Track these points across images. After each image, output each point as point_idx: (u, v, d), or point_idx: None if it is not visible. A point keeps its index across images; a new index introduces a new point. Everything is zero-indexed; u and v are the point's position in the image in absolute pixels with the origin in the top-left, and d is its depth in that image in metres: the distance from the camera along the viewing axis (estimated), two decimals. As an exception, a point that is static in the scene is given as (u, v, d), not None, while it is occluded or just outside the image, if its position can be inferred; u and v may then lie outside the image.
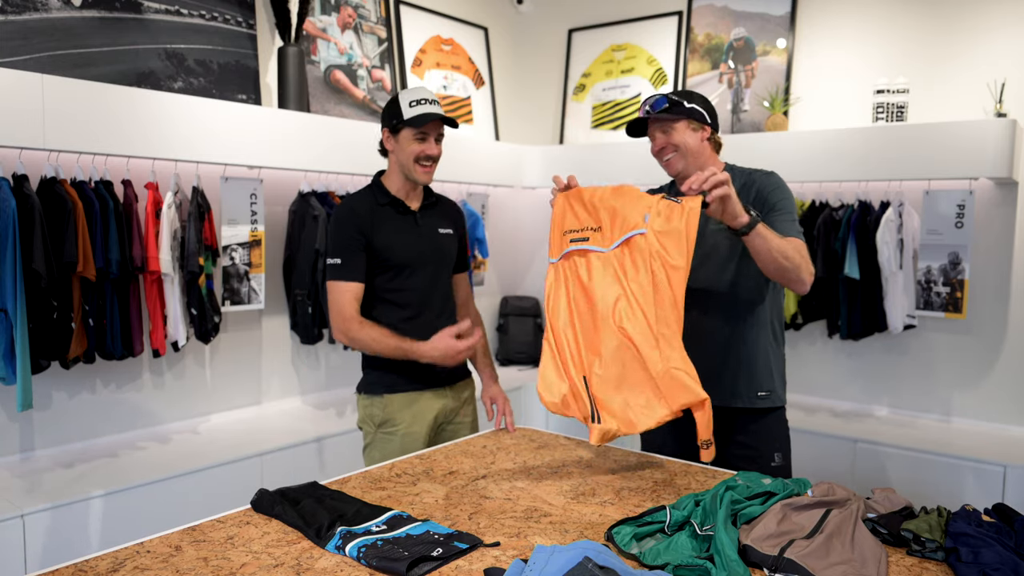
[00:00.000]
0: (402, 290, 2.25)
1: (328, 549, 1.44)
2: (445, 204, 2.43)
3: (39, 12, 2.68)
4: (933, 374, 3.43)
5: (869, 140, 3.24)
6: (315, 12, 3.61)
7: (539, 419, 4.06)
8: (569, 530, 1.56)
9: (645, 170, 3.83)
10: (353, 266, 2.19)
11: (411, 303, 2.27)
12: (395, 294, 2.25)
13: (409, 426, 2.26)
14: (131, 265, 2.71)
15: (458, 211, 2.47)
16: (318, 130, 3.24)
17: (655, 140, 2.12)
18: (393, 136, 2.23)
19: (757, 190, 2.07)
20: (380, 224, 2.22)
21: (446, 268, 2.36)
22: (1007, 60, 3.21)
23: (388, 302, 2.25)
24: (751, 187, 2.09)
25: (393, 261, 2.23)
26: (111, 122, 2.60)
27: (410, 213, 2.28)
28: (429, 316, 2.28)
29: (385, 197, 2.26)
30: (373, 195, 2.27)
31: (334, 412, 3.47)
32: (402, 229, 2.25)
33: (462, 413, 2.42)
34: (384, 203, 2.26)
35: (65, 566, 1.35)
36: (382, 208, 2.25)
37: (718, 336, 2.11)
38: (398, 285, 2.25)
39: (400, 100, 2.19)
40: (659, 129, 2.10)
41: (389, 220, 2.24)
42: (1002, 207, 3.26)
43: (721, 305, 2.10)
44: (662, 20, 4.20)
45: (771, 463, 2.11)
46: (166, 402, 3.10)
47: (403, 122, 2.18)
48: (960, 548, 1.36)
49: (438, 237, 2.33)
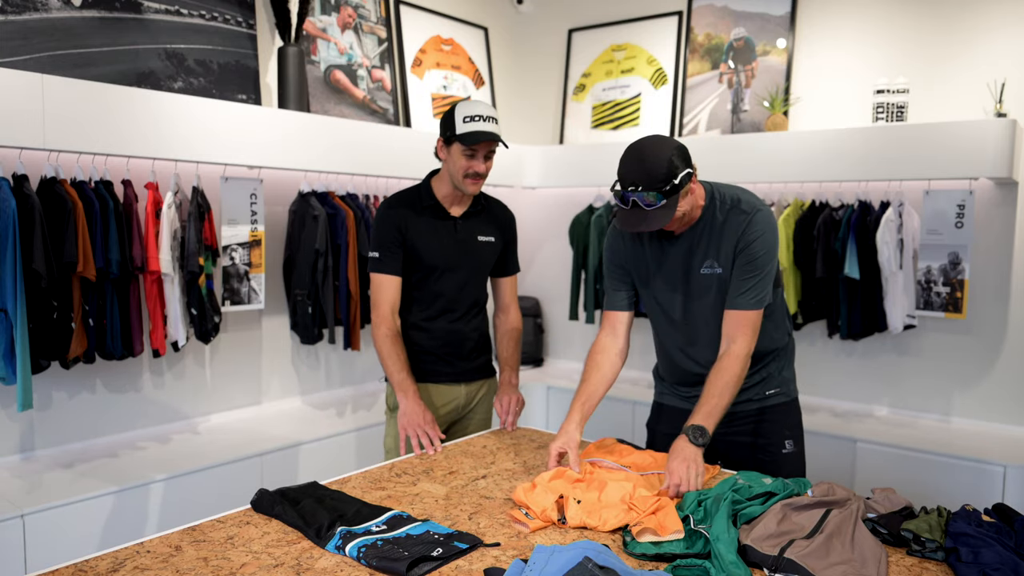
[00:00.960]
0: (429, 290, 2.35)
1: (328, 549, 1.44)
2: (494, 211, 2.46)
3: (39, 12, 2.68)
4: (933, 374, 3.43)
5: (869, 140, 3.24)
6: (315, 12, 3.61)
7: (539, 419, 4.06)
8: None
9: (645, 170, 3.84)
10: (390, 260, 2.30)
11: (435, 304, 2.36)
12: (422, 292, 2.35)
13: None
14: (131, 265, 2.70)
15: (507, 217, 2.50)
16: (318, 130, 3.24)
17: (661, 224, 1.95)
18: (446, 147, 2.27)
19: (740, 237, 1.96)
20: (417, 225, 2.31)
21: (478, 274, 2.41)
22: (1007, 60, 3.21)
23: (415, 299, 2.36)
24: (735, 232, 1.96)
25: (424, 262, 2.31)
26: (111, 122, 2.60)
27: (450, 219, 2.35)
28: (451, 318, 2.37)
29: (429, 200, 2.34)
30: (418, 196, 2.35)
31: (334, 412, 3.47)
32: (437, 233, 2.32)
33: (475, 410, 2.48)
34: (427, 205, 2.33)
35: (65, 566, 1.35)
36: (423, 210, 2.32)
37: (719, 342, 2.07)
38: (426, 285, 2.34)
39: (456, 113, 2.22)
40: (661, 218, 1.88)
41: (426, 223, 2.32)
42: (1002, 207, 3.26)
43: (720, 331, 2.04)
44: (662, 20, 4.20)
45: (783, 450, 2.10)
46: (166, 402, 3.10)
47: (455, 136, 2.21)
48: (960, 548, 1.36)
49: (475, 244, 2.38)
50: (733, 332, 1.97)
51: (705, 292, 2.03)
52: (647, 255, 2.10)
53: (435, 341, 2.38)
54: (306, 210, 3.28)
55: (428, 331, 2.37)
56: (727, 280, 1.99)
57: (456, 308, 2.38)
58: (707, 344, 2.06)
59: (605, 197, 4.13)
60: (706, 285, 2.02)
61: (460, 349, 2.41)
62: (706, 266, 2.01)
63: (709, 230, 2.01)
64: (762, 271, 1.96)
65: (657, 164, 1.84)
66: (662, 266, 2.07)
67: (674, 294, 2.07)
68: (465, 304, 2.40)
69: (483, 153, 2.25)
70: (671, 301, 2.08)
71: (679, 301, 2.07)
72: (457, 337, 2.40)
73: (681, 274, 2.05)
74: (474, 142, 2.19)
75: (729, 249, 1.98)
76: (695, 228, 2.02)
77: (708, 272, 2.01)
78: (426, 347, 2.38)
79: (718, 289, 2.01)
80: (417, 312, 2.37)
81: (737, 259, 1.97)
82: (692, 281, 2.03)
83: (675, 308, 2.08)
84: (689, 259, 2.03)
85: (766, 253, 1.96)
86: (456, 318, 2.39)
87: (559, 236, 4.50)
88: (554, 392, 4.06)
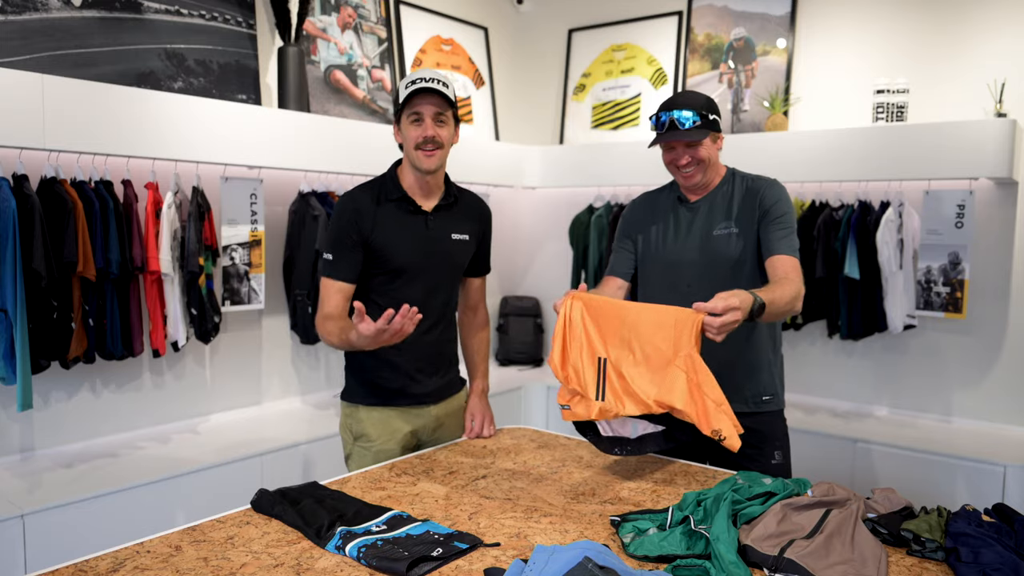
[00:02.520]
0: (395, 296, 2.07)
1: (328, 549, 1.44)
2: (467, 203, 2.23)
3: (39, 12, 2.68)
4: (933, 374, 3.42)
5: (869, 140, 3.24)
6: (315, 12, 3.61)
7: (539, 419, 4.06)
8: (569, 530, 1.56)
9: (644, 171, 3.84)
10: (345, 264, 2.04)
11: None
12: (386, 299, 2.06)
13: (385, 443, 2.14)
14: (131, 265, 2.70)
15: (483, 211, 2.28)
16: (318, 130, 3.24)
17: (677, 153, 2.11)
18: (398, 127, 2.10)
19: (760, 199, 2.11)
20: (382, 221, 2.06)
21: (451, 277, 2.19)
22: (1007, 60, 3.21)
23: (378, 306, 2.01)
24: (755, 195, 2.12)
25: (391, 264, 2.07)
26: (111, 122, 2.59)
27: (420, 214, 2.11)
28: (419, 329, 1.95)
29: (395, 192, 2.09)
30: (383, 188, 2.10)
31: (334, 412, 3.47)
32: (406, 229, 2.08)
33: (443, 428, 2.25)
34: (393, 199, 2.08)
35: (65, 566, 1.35)
36: (388, 204, 2.08)
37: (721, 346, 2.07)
38: (392, 290, 2.09)
39: (399, 87, 2.06)
40: (684, 143, 2.08)
41: (393, 218, 2.07)
42: (1002, 207, 3.26)
43: None
44: (662, 20, 4.20)
45: (772, 461, 2.14)
46: (166, 402, 3.10)
47: (399, 107, 2.05)
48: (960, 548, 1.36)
49: (449, 244, 2.14)
50: (784, 272, 2.00)
51: (719, 252, 2.11)
52: (664, 222, 2.21)
53: (401, 356, 2.09)
54: (306, 210, 3.28)
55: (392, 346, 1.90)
56: (741, 239, 2.09)
57: (425, 317, 2.04)
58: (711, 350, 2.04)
59: (605, 197, 4.13)
60: (721, 246, 2.11)
61: (427, 367, 2.15)
62: (721, 227, 2.11)
63: (725, 198, 2.14)
64: (791, 226, 2.07)
65: (696, 95, 2.10)
66: (679, 232, 2.17)
67: (687, 260, 2.14)
68: (435, 313, 2.13)
69: (430, 116, 2.01)
70: (682, 268, 2.14)
71: (692, 267, 2.13)
72: (426, 351, 2.13)
73: (698, 239, 2.14)
74: (413, 99, 2.00)
75: (747, 211, 2.10)
76: (712, 196, 2.16)
77: (723, 232, 2.11)
78: (390, 364, 2.10)
79: (731, 247, 2.10)
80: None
81: (764, 219, 2.08)
82: (708, 243, 2.12)
83: (685, 275, 2.14)
84: (705, 223, 2.14)
85: (790, 211, 2.10)
86: (425, 329, 2.08)
87: (559, 236, 4.50)
88: (554, 392, 4.05)
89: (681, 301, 2.02)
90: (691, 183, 2.14)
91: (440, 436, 2.25)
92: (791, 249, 2.05)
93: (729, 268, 2.10)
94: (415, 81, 2.01)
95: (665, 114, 2.07)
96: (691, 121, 2.04)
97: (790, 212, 2.10)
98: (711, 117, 2.07)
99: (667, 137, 2.08)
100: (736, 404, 2.06)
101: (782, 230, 2.07)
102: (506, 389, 3.95)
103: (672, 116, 2.05)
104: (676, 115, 2.04)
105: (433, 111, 2.02)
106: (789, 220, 2.08)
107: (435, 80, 2.01)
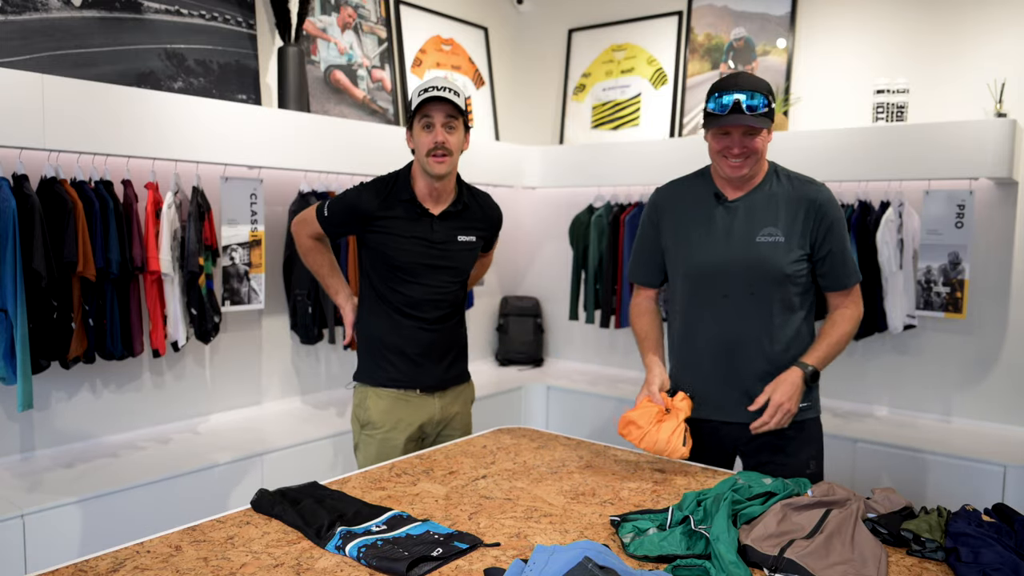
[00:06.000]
0: (400, 292, 2.18)
1: (328, 549, 1.44)
2: (478, 207, 2.30)
3: (39, 12, 2.68)
4: (933, 374, 3.43)
5: (869, 140, 3.24)
6: (315, 12, 3.61)
7: (539, 419, 4.06)
8: (569, 530, 1.56)
9: (644, 171, 3.84)
10: (331, 225, 2.24)
11: (407, 305, 2.19)
12: (393, 294, 2.18)
13: (388, 431, 2.21)
14: (131, 265, 2.70)
15: (494, 213, 2.35)
16: (318, 130, 3.24)
17: (731, 141, 1.91)
18: (410, 133, 2.16)
19: (820, 214, 1.94)
20: (387, 220, 2.14)
21: (456, 277, 2.25)
22: (1007, 60, 3.21)
23: (386, 299, 2.19)
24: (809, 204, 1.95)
25: (392, 263, 2.15)
26: (111, 122, 2.60)
27: (427, 217, 2.18)
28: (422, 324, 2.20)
29: (405, 193, 2.17)
30: (394, 187, 2.18)
31: (334, 412, 3.47)
32: (411, 233, 2.16)
33: (452, 426, 2.33)
34: (402, 199, 2.17)
35: (65, 566, 1.35)
36: (397, 205, 2.16)
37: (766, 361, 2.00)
38: (396, 287, 2.18)
39: (412, 95, 2.14)
40: (742, 131, 1.89)
41: (399, 220, 2.15)
42: (1002, 207, 3.26)
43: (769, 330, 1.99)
44: (662, 20, 4.20)
45: (806, 470, 2.03)
46: (166, 402, 3.10)
47: (411, 113, 2.13)
48: (960, 548, 1.36)
49: (454, 246, 2.21)
50: (843, 302, 1.98)
51: (764, 262, 1.92)
52: (698, 219, 1.99)
53: (403, 342, 2.20)
54: (306, 210, 3.28)
55: (396, 334, 2.19)
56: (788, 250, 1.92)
57: (427, 313, 2.20)
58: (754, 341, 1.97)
59: (605, 197, 4.13)
60: (766, 255, 1.92)
61: (431, 353, 2.23)
62: (765, 234, 1.92)
63: (768, 198, 1.96)
64: (848, 250, 1.99)
65: (759, 78, 1.91)
66: (714, 233, 1.97)
67: (725, 268, 1.96)
68: (440, 311, 2.22)
69: (440, 122, 2.08)
70: (719, 276, 1.97)
71: (730, 276, 1.95)
72: (429, 340, 2.22)
73: (739, 244, 1.94)
74: (424, 106, 2.08)
75: (797, 219, 1.93)
76: (753, 195, 1.97)
77: (768, 240, 1.91)
78: (393, 349, 2.21)
79: (778, 257, 1.92)
80: (383, 312, 2.20)
81: (826, 238, 1.95)
82: (750, 250, 1.93)
83: (722, 285, 1.96)
84: (746, 226, 1.94)
85: (844, 232, 1.99)
86: (429, 325, 2.21)
87: (559, 236, 4.50)
88: (554, 392, 4.06)
89: (716, 315, 1.99)
90: (739, 174, 1.93)
91: (448, 434, 2.32)
92: (855, 276, 1.98)
93: (774, 282, 1.94)
94: (427, 89, 2.10)
95: (729, 94, 1.84)
96: (761, 105, 1.84)
97: (845, 230, 1.98)
98: (772, 105, 1.89)
99: (731, 120, 1.84)
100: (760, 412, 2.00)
101: (842, 255, 1.96)
102: (506, 389, 3.95)
103: (738, 98, 1.83)
104: (743, 97, 1.83)
105: (443, 118, 2.10)
106: (846, 242, 1.97)
107: (446, 88, 2.09)
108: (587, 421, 3.88)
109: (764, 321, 1.98)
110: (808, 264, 1.99)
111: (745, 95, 1.83)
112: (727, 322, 2.00)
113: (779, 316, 1.98)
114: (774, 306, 1.97)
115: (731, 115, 1.85)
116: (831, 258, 1.97)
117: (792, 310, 2.00)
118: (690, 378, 2.08)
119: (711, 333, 2.03)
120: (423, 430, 2.27)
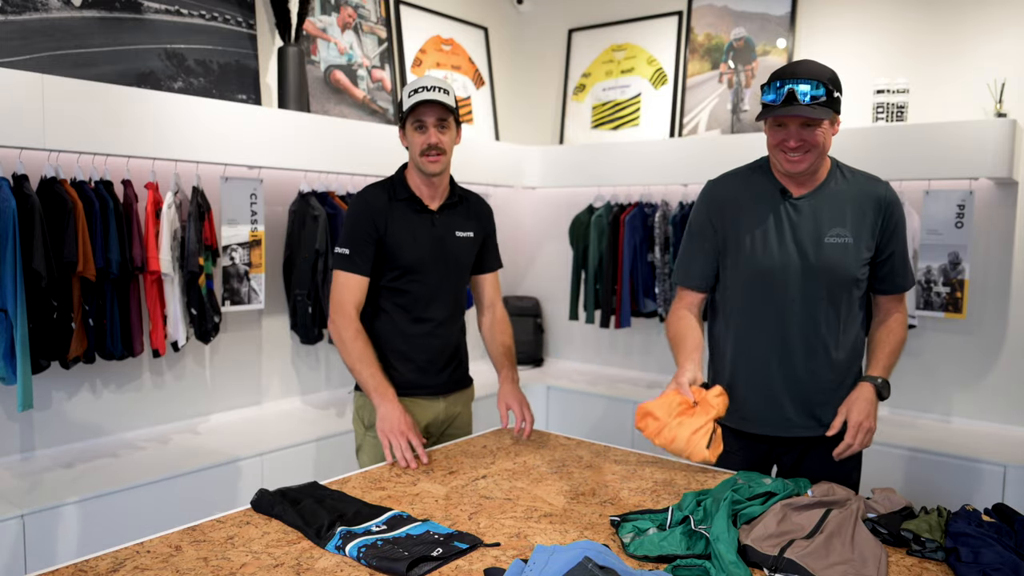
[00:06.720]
0: (407, 292, 2.19)
1: (328, 549, 1.44)
2: (471, 203, 2.33)
3: (39, 12, 2.68)
4: (933, 374, 3.42)
5: (869, 140, 3.24)
6: (315, 12, 3.61)
7: (539, 419, 4.06)
8: (569, 530, 1.56)
9: (644, 171, 3.84)
10: (360, 258, 2.12)
11: (414, 306, 2.20)
12: (400, 295, 2.19)
13: None
14: (131, 265, 2.70)
15: (485, 209, 2.37)
16: (318, 130, 3.24)
17: (788, 133, 1.79)
18: (403, 132, 2.18)
19: (887, 214, 1.86)
20: (394, 220, 2.16)
21: (457, 275, 2.27)
22: (1007, 60, 3.21)
23: (393, 302, 2.20)
24: (876, 203, 1.86)
25: (401, 261, 2.16)
26: (111, 122, 2.60)
27: (427, 212, 2.20)
28: (428, 325, 2.21)
29: (403, 192, 2.20)
30: (392, 188, 2.20)
31: (334, 412, 3.47)
32: (414, 228, 2.18)
33: (455, 425, 2.35)
34: (402, 198, 2.19)
35: (65, 566, 1.35)
36: (398, 203, 2.18)
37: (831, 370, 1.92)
38: (403, 286, 2.19)
39: (403, 93, 2.16)
40: (800, 123, 1.77)
41: (403, 217, 2.17)
42: (1002, 207, 3.26)
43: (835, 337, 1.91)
44: (662, 20, 4.20)
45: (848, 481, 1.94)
46: (166, 402, 3.10)
47: (403, 114, 2.14)
48: (960, 548, 1.36)
49: (453, 240, 2.24)
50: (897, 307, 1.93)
51: (834, 265, 1.83)
52: (762, 216, 1.86)
53: (411, 349, 2.20)
54: (306, 210, 3.28)
55: (402, 340, 2.19)
56: (856, 251, 1.83)
57: (433, 313, 2.22)
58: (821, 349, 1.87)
59: (605, 197, 4.13)
60: (836, 257, 1.83)
61: (438, 360, 2.24)
62: (834, 235, 1.82)
63: (834, 196, 1.86)
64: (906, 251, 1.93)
65: (821, 66, 1.78)
66: (781, 232, 1.86)
67: (792, 270, 1.85)
68: (443, 309, 2.24)
69: (432, 122, 2.10)
70: (784, 279, 1.85)
71: (797, 279, 1.85)
72: (434, 346, 2.23)
73: (809, 245, 1.84)
74: (415, 107, 2.08)
75: (863, 218, 1.84)
76: (819, 192, 1.86)
77: (837, 241, 1.82)
78: (400, 356, 2.21)
79: (847, 260, 1.83)
80: (389, 319, 2.21)
81: (891, 240, 1.88)
82: (819, 251, 1.83)
83: (787, 288, 1.85)
84: (814, 226, 1.84)
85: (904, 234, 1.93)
86: (434, 325, 2.22)
87: (559, 236, 4.50)
88: (554, 392, 4.06)
89: (780, 318, 1.88)
90: (797, 170, 1.81)
91: (451, 432, 2.33)
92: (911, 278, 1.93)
93: (842, 287, 1.85)
94: (417, 91, 2.10)
95: (784, 84, 1.74)
96: (810, 96, 1.72)
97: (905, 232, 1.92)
98: (836, 95, 1.75)
99: (784, 111, 1.73)
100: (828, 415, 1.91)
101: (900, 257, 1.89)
102: (506, 389, 3.94)
103: (792, 87, 1.72)
104: (796, 86, 1.72)
105: (435, 118, 2.12)
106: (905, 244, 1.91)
107: (436, 89, 2.10)
108: (587, 421, 3.88)
109: (831, 327, 1.88)
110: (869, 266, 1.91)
111: (802, 84, 1.72)
112: (792, 328, 1.88)
113: (845, 322, 1.89)
114: (841, 311, 1.88)
115: (784, 105, 1.74)
116: (892, 260, 1.90)
117: (855, 316, 1.92)
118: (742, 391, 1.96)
119: (774, 341, 1.91)
120: (428, 431, 2.27)
